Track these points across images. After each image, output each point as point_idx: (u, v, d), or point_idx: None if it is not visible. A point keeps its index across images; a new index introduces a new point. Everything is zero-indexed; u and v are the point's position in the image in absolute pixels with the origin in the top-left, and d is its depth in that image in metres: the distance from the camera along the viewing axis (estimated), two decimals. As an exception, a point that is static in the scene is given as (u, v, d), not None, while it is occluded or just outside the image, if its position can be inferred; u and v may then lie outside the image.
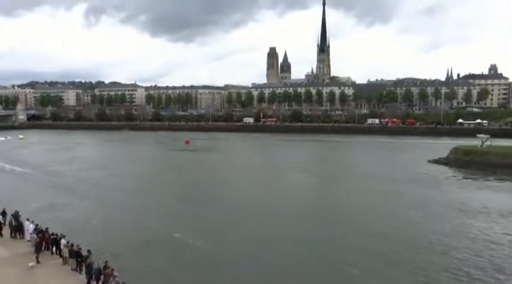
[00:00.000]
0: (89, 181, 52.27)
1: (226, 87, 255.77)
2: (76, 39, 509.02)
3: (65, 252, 20.63)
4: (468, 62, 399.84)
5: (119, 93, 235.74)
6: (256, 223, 33.18)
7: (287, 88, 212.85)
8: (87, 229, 31.06)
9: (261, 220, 33.99)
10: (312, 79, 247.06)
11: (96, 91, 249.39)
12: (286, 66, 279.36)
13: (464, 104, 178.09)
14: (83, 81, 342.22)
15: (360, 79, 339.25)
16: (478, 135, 75.04)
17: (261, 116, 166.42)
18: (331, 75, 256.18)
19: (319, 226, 32.51)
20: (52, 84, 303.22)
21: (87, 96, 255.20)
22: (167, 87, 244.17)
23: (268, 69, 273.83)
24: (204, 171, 63.29)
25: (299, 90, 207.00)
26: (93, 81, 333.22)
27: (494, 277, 22.39)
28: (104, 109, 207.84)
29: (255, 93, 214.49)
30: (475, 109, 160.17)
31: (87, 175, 56.77)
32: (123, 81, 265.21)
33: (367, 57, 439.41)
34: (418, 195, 43.29)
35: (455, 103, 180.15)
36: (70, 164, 68.80)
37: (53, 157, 78.58)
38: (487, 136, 71.15)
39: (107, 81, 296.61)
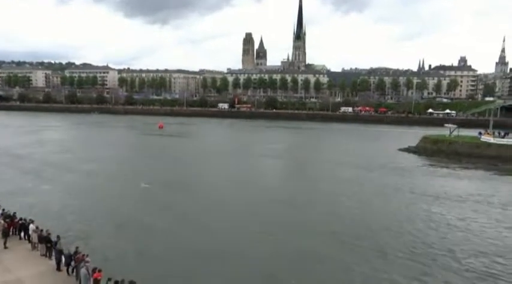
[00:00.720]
0: (56, 165, 51.20)
1: (201, 72, 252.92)
2: (46, 18, 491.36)
3: (34, 237, 20.32)
4: (440, 53, 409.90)
5: (90, 75, 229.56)
6: (226, 207, 33.44)
7: (262, 75, 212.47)
8: (56, 214, 30.55)
9: (232, 205, 34.32)
10: (288, 66, 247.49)
11: (67, 73, 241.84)
12: (262, 53, 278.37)
13: (434, 94, 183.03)
14: (53, 61, 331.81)
15: (335, 67, 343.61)
16: (446, 125, 77.92)
17: (236, 102, 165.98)
18: (307, 62, 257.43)
19: (286, 210, 33.15)
20: (20, 64, 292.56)
21: (56, 77, 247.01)
22: (141, 70, 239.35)
23: (243, 55, 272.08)
24: (177, 156, 62.86)
25: (274, 76, 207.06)
26: (63, 62, 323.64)
27: (449, 256, 23.84)
28: (75, 91, 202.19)
29: (230, 78, 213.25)
30: (444, 100, 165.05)
31: (55, 159, 55.53)
32: (94, 63, 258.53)
33: (342, 45, 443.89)
34: (385, 182, 44.61)
35: (426, 94, 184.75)
36: (37, 147, 67.03)
37: (20, 140, 76.19)
38: (454, 126, 73.59)
39: (77, 63, 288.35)
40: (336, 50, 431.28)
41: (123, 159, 59.33)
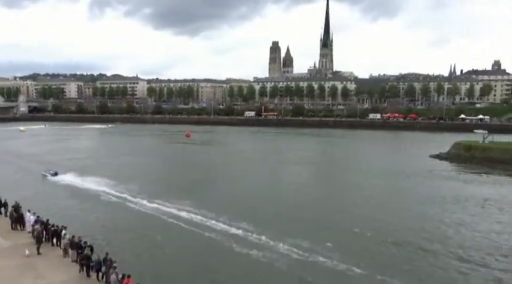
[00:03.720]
0: (77, 170, 52.65)
1: (228, 80, 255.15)
2: (79, 32, 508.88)
3: (66, 244, 20.74)
4: (472, 57, 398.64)
5: (121, 85, 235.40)
6: (252, 212, 33.30)
7: (289, 83, 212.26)
8: (85, 220, 31.36)
9: (256, 210, 34.24)
10: (315, 73, 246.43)
11: (98, 84, 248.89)
12: (288, 61, 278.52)
13: (467, 100, 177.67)
14: (85, 73, 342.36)
15: (363, 74, 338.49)
16: (476, 131, 75.70)
17: (263, 110, 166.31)
18: (334, 69, 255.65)
19: (311, 216, 32.74)
20: (54, 76, 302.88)
21: (88, 88, 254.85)
22: (169, 80, 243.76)
23: (270, 63, 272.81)
24: (203, 163, 63.26)
25: (301, 84, 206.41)
26: (95, 74, 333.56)
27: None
28: (106, 102, 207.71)
29: (257, 87, 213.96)
30: (478, 105, 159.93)
31: (77, 165, 57.09)
32: (124, 74, 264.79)
33: (370, 52, 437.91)
34: (415, 189, 43.66)
35: (458, 99, 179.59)
36: (66, 154, 69.73)
37: (51, 147, 79.77)
38: (485, 131, 71.38)
39: (108, 74, 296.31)
40: (364, 56, 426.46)
41: (149, 166, 60.24)
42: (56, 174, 48.09)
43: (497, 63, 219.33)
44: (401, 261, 24.21)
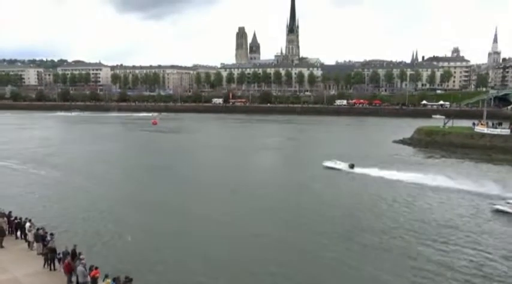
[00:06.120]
0: (41, 162, 51.29)
1: (194, 67, 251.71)
2: (37, 14, 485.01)
3: (30, 236, 20.26)
4: (433, 44, 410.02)
5: (83, 72, 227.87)
6: (216, 199, 34.00)
7: (256, 69, 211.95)
8: (47, 211, 30.69)
9: (221, 196, 35.17)
10: (281, 60, 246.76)
11: (59, 70, 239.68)
12: (255, 47, 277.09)
13: (428, 86, 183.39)
14: (44, 59, 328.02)
15: (329, 60, 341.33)
16: (434, 116, 78.60)
17: (230, 97, 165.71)
18: (300, 56, 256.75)
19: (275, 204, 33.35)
20: (11, 62, 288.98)
21: (49, 75, 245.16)
22: (134, 67, 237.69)
23: (237, 49, 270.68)
24: (170, 152, 62.72)
25: (268, 70, 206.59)
26: (55, 59, 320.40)
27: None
28: (68, 89, 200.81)
29: (224, 73, 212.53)
30: (438, 91, 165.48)
31: (38, 156, 55.48)
32: (87, 60, 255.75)
33: (335, 38, 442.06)
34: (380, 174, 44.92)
35: (419, 85, 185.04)
36: (30, 144, 67.21)
37: (13, 136, 76.20)
38: (442, 117, 74.26)
39: (70, 60, 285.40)
40: (330, 42, 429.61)
41: (116, 155, 59.16)
42: None
43: (456, 50, 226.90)
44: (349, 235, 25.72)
